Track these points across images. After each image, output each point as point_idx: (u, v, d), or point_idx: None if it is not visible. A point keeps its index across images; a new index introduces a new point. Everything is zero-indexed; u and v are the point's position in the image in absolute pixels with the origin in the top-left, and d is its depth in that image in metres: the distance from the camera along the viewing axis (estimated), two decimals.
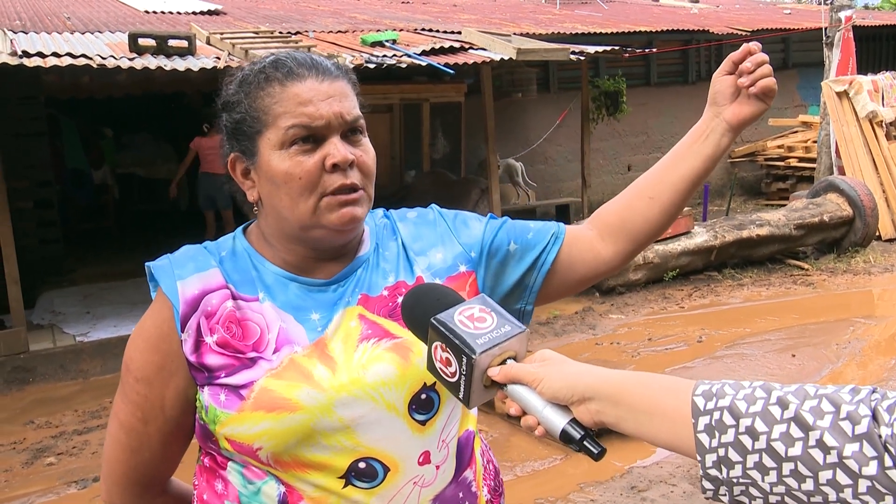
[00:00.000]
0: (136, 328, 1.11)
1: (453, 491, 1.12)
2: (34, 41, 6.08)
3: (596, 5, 12.36)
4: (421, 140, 8.57)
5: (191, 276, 1.07)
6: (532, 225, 1.24)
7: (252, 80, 1.08)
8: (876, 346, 5.29)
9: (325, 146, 1.05)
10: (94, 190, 9.33)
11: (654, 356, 5.17)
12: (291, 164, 1.04)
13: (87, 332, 5.80)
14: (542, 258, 1.21)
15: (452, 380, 0.92)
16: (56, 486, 3.81)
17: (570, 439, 0.87)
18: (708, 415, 0.81)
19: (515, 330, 0.93)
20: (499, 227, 1.23)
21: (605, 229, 1.23)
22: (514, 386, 0.91)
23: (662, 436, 0.85)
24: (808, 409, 0.77)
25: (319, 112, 1.05)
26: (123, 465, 1.12)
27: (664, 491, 3.46)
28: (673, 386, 0.87)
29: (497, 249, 1.20)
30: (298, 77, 1.06)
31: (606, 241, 1.23)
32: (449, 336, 0.90)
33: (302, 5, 10.59)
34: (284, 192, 1.05)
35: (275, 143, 1.05)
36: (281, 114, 1.05)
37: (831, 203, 7.43)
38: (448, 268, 1.17)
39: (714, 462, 0.80)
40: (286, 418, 1.01)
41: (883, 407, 0.74)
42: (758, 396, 0.80)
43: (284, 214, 1.07)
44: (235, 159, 1.10)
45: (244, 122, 1.08)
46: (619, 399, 0.87)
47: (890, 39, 11.82)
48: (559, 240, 1.22)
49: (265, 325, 1.06)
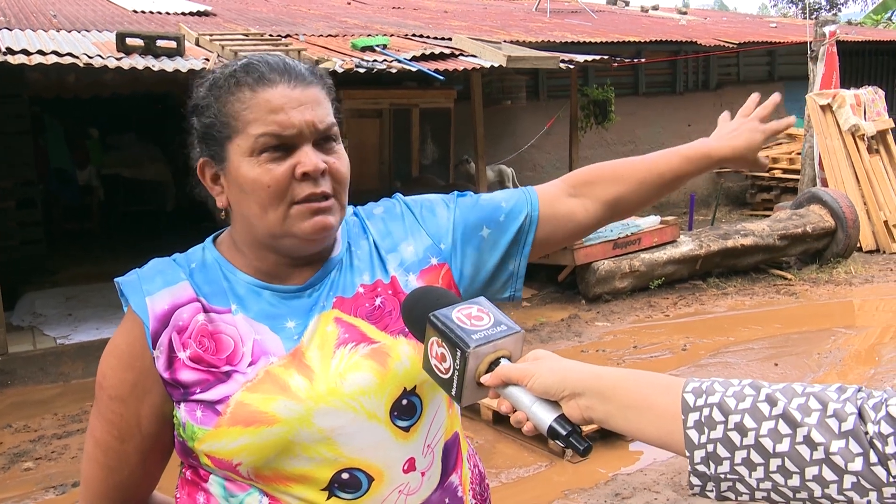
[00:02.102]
0: (108, 345, 1.09)
1: (439, 497, 1.11)
2: (19, 38, 6.03)
3: (586, 15, 12.43)
4: (410, 145, 8.56)
5: (159, 290, 1.05)
6: (504, 204, 1.20)
7: (222, 84, 1.05)
8: (856, 356, 5.34)
9: (297, 154, 1.02)
10: (78, 190, 9.25)
11: (639, 364, 5.19)
12: (260, 172, 1.01)
13: (69, 335, 5.72)
14: (521, 244, 1.19)
15: (446, 376, 0.93)
16: (34, 492, 3.75)
17: (557, 435, 0.88)
18: (697, 411, 0.82)
19: (511, 330, 0.94)
20: (468, 211, 1.19)
21: (587, 192, 1.24)
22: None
23: (651, 432, 0.85)
24: (795, 406, 0.78)
25: (291, 120, 1.01)
26: (102, 485, 1.10)
27: (648, 498, 3.47)
28: (663, 383, 0.87)
29: (470, 236, 1.18)
30: (269, 83, 1.02)
31: (587, 203, 1.24)
32: (445, 330, 0.91)
33: (293, 8, 10.57)
34: (253, 199, 1.03)
35: (244, 150, 1.02)
36: (251, 121, 1.02)
37: (814, 214, 7.50)
38: (419, 261, 1.14)
39: (703, 458, 0.81)
40: (264, 432, 0.99)
41: (869, 405, 0.76)
42: (747, 394, 0.81)
43: (253, 222, 1.05)
44: (204, 164, 1.07)
45: (213, 126, 1.05)
46: (610, 395, 0.87)
47: (873, 55, 11.98)
48: (534, 221, 1.20)
49: (239, 337, 1.04)
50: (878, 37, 12.27)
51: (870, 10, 18.32)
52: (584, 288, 6.69)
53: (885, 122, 8.67)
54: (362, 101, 7.79)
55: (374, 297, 1.10)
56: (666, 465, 3.75)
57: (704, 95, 11.33)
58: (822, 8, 24.39)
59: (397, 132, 8.34)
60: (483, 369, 0.92)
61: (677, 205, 10.78)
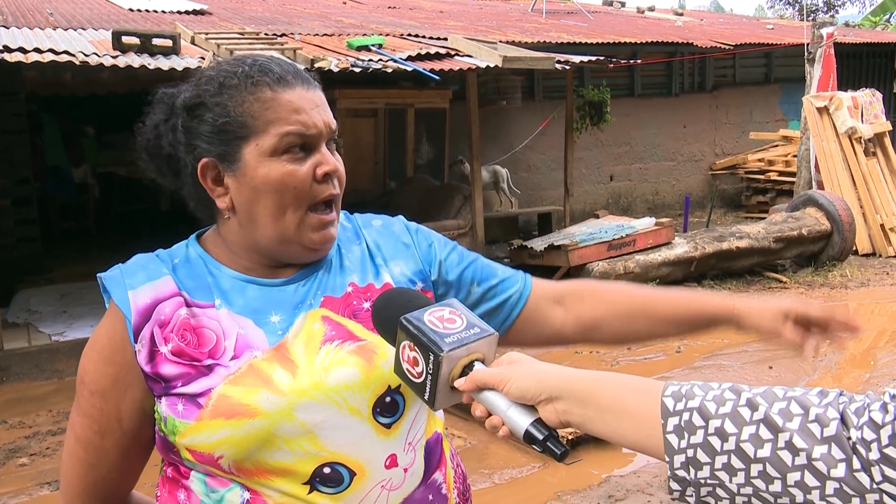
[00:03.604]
0: (89, 340, 1.09)
1: (423, 494, 1.11)
2: (16, 36, 6.02)
3: (582, 16, 12.44)
4: (405, 145, 8.57)
5: (142, 285, 1.05)
6: (500, 273, 1.22)
7: (237, 84, 1.04)
8: (851, 360, 5.35)
9: (315, 155, 1.05)
10: (74, 188, 9.23)
11: (632, 366, 5.20)
12: (284, 173, 1.03)
13: (64, 332, 5.72)
14: (503, 316, 1.20)
15: (419, 380, 0.91)
16: (29, 487, 3.75)
17: (534, 440, 0.86)
18: (677, 416, 0.81)
19: (484, 332, 0.92)
20: (466, 262, 1.21)
21: (572, 306, 1.22)
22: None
23: (630, 436, 0.84)
24: (777, 411, 0.77)
25: (313, 120, 1.04)
26: (82, 481, 1.10)
27: (641, 500, 3.48)
28: (642, 386, 0.86)
29: (459, 286, 1.19)
30: (288, 84, 1.05)
31: (567, 316, 1.22)
32: (417, 334, 0.90)
33: (288, 7, 10.56)
34: (273, 200, 1.03)
35: (265, 150, 1.03)
36: (273, 120, 1.03)
37: (810, 217, 7.51)
38: (406, 282, 1.15)
39: (682, 463, 0.80)
40: (245, 424, 0.99)
41: (851, 410, 0.75)
42: (727, 398, 0.80)
43: (265, 223, 1.05)
44: (207, 165, 1.06)
45: (227, 125, 1.04)
46: (587, 398, 0.86)
47: (870, 57, 12.00)
48: (523, 299, 1.21)
49: (221, 331, 1.04)
50: (875, 39, 12.30)
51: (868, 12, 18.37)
52: None
53: (882, 125, 8.68)
54: (357, 101, 7.79)
55: (364, 300, 1.11)
56: (660, 467, 3.75)
57: (700, 97, 11.34)
58: (820, 10, 24.45)
59: (392, 132, 8.35)
60: (457, 373, 0.90)
61: (672, 206, 10.80)
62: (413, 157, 8.68)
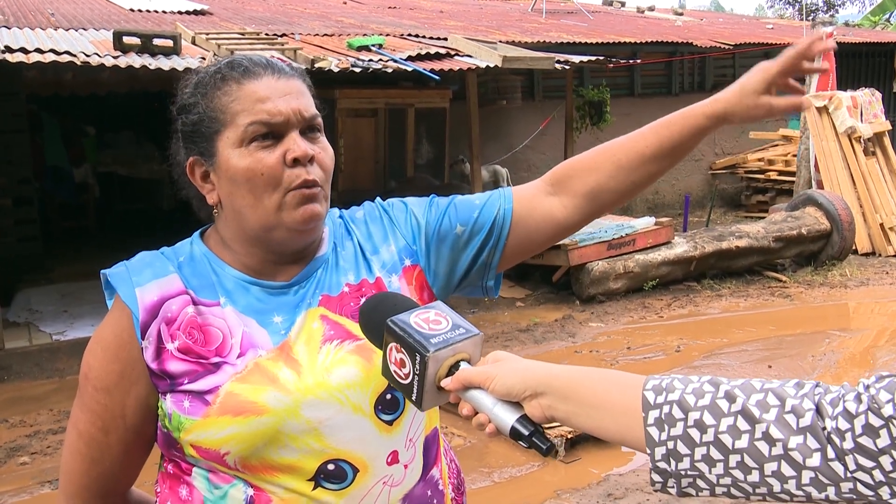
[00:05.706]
0: (93, 336, 1.10)
1: (422, 489, 1.13)
2: (17, 36, 6.03)
3: (581, 15, 12.44)
4: (405, 145, 8.57)
5: (149, 282, 1.06)
6: (477, 202, 1.21)
7: (208, 82, 1.08)
8: (851, 359, 5.36)
9: (285, 142, 1.05)
10: (74, 188, 9.24)
11: (632, 365, 5.21)
12: (252, 161, 1.04)
13: (64, 331, 5.73)
14: (495, 237, 1.19)
15: (406, 381, 0.93)
16: (29, 486, 3.76)
17: (520, 436, 0.88)
18: (658, 409, 0.82)
19: (469, 333, 0.94)
20: (442, 212, 1.20)
21: (564, 188, 1.21)
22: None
23: (612, 429, 0.86)
24: (754, 402, 0.79)
25: (278, 108, 1.05)
26: (83, 477, 1.10)
27: (640, 499, 3.49)
28: (623, 381, 0.88)
29: (444, 236, 1.19)
30: (255, 75, 1.06)
31: (564, 200, 1.21)
32: (403, 336, 0.91)
33: (289, 8, 10.57)
34: (247, 189, 1.05)
35: (234, 141, 1.05)
36: (239, 111, 1.05)
37: (810, 216, 7.52)
38: (398, 262, 1.17)
39: (663, 455, 0.81)
40: (253, 421, 1.01)
41: (826, 401, 0.77)
42: (706, 390, 0.82)
43: (246, 214, 1.06)
44: (194, 163, 1.09)
45: (202, 122, 1.07)
46: (570, 393, 0.88)
47: (869, 56, 12.01)
48: (508, 215, 1.19)
49: (227, 329, 1.05)
50: (875, 38, 12.30)
51: (867, 12, 18.38)
52: (578, 289, 6.70)
53: (881, 125, 8.69)
54: (358, 101, 7.79)
55: (360, 297, 1.12)
56: None
57: (700, 97, 10.96)
58: (819, 9, 24.45)
59: (392, 132, 8.35)
60: (443, 373, 0.92)
61: (672, 206, 10.81)
62: (413, 156, 8.68)
